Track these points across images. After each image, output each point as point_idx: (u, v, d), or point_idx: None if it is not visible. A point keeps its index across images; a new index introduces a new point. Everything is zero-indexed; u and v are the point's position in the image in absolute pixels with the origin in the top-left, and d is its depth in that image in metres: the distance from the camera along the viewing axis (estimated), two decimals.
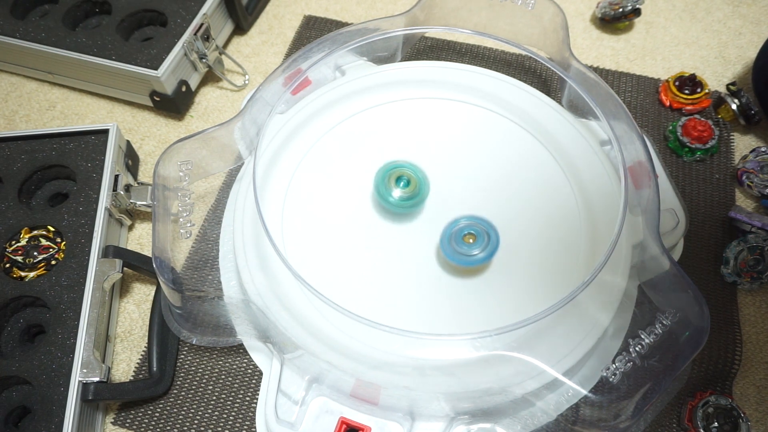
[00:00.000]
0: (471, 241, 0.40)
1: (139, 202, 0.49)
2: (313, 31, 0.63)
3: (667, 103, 0.56)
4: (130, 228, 0.51)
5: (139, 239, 0.51)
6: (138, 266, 0.46)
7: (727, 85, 0.55)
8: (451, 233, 0.40)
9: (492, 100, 0.49)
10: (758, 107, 0.54)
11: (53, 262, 0.45)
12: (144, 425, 0.42)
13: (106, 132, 0.51)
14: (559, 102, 0.49)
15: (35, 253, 0.46)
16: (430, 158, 0.46)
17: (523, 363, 0.37)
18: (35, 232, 0.47)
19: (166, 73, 0.53)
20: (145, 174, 0.55)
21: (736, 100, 0.54)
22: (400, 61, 0.54)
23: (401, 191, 0.42)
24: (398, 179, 0.42)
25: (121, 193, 0.49)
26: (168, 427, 0.42)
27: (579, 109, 0.49)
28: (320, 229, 0.43)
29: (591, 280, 0.36)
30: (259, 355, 0.43)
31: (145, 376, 0.44)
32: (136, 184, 0.51)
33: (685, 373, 0.36)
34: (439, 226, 0.43)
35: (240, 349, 0.44)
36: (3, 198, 0.48)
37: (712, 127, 0.53)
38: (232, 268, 0.44)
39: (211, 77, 0.60)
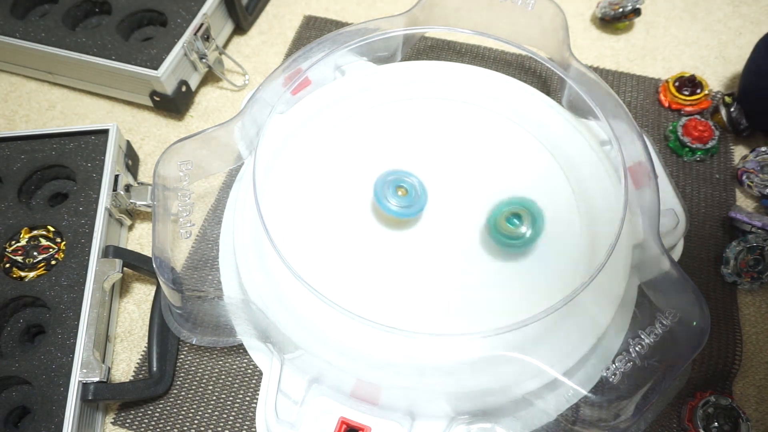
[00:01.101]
0: (401, 193, 0.42)
1: (139, 202, 0.49)
2: (313, 31, 0.63)
3: (666, 104, 0.56)
4: (130, 228, 0.51)
5: (139, 239, 0.51)
6: (138, 266, 0.46)
7: (723, 96, 0.55)
8: (384, 183, 0.42)
9: (492, 100, 0.49)
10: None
11: (53, 262, 0.45)
12: (144, 425, 0.42)
13: (106, 132, 0.51)
14: (559, 102, 0.49)
15: (35, 253, 0.46)
16: (429, 158, 0.46)
17: (524, 363, 0.37)
18: (35, 232, 0.47)
19: (166, 73, 0.53)
20: (145, 174, 0.54)
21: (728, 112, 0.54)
22: (400, 61, 0.54)
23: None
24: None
25: (121, 193, 0.49)
26: (168, 427, 0.42)
27: (579, 109, 0.49)
28: (320, 229, 0.43)
29: (591, 280, 0.36)
30: (259, 355, 0.43)
31: (145, 376, 0.44)
32: (136, 184, 0.51)
33: (685, 373, 0.36)
34: (438, 225, 0.43)
35: (240, 349, 0.44)
36: (3, 198, 0.48)
37: (713, 127, 0.53)
38: (232, 268, 0.44)
39: (211, 77, 0.60)
